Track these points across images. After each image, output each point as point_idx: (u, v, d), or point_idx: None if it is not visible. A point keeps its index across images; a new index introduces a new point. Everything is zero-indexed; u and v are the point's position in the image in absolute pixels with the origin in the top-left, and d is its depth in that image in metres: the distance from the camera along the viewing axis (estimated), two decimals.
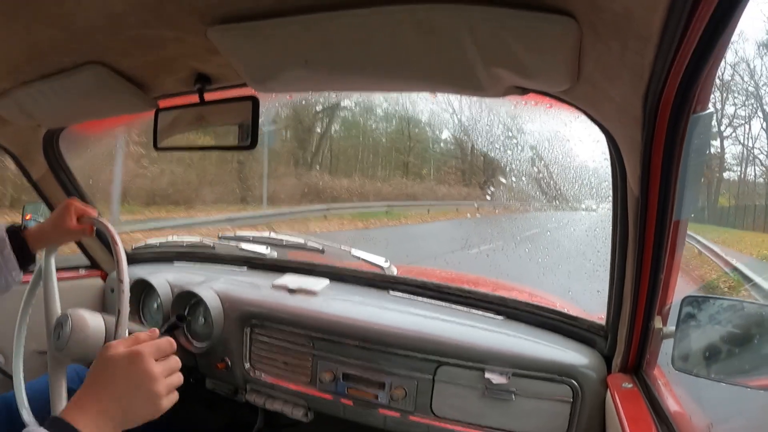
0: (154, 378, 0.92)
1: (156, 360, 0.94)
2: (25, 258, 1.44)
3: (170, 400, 0.95)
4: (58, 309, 1.41)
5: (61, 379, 1.34)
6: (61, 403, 1.28)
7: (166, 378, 0.95)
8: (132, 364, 0.92)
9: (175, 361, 0.99)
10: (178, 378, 0.98)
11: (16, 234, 1.43)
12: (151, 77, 1.28)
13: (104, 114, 1.59)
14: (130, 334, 1.16)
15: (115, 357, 0.92)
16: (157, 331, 1.03)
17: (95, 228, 1.45)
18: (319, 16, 0.87)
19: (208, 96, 1.27)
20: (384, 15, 0.84)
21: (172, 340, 1.01)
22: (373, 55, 0.96)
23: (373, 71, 1.03)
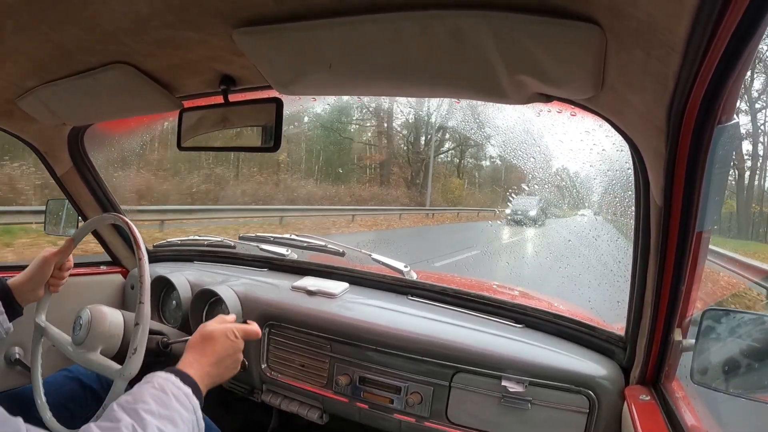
0: (240, 349, 1.26)
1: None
2: (12, 310, 1.44)
3: None
4: None
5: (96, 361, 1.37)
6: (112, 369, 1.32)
7: None
8: (228, 338, 1.23)
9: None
10: None
11: (1, 285, 1.45)
12: (177, 78, 1.30)
13: (129, 113, 1.61)
14: (151, 330, 1.25)
15: (215, 331, 1.23)
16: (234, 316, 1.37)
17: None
18: (344, 20, 0.88)
19: (233, 97, 1.29)
20: (409, 20, 0.84)
21: (259, 330, 1.36)
22: (398, 60, 0.96)
23: (397, 76, 1.04)
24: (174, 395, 0.99)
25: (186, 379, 1.06)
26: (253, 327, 1.33)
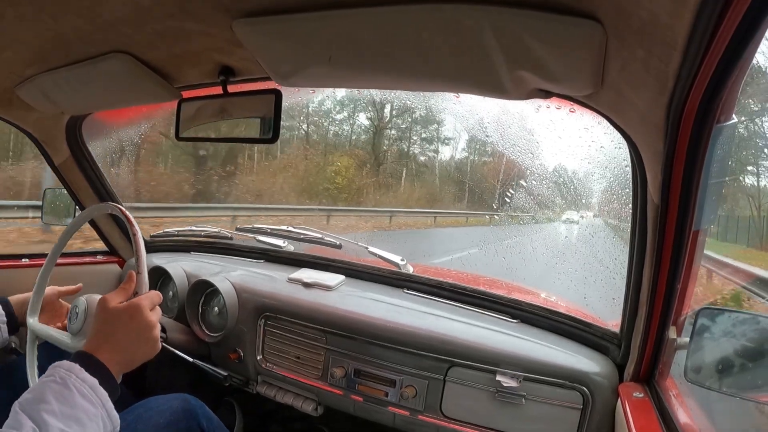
0: (152, 326, 1.12)
1: (150, 310, 1.14)
2: (12, 324, 1.52)
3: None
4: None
5: None
6: None
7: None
8: (133, 319, 1.09)
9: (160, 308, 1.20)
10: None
11: (4, 300, 1.53)
12: (176, 68, 1.29)
13: (128, 102, 1.60)
14: None
15: (116, 312, 1.09)
16: (133, 273, 1.20)
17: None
18: (344, 13, 0.88)
19: (232, 88, 1.28)
20: (409, 14, 0.84)
21: (158, 292, 1.21)
22: (398, 53, 0.96)
23: (397, 70, 1.04)
24: (77, 390, 0.93)
25: (93, 367, 0.98)
26: (150, 293, 1.20)
